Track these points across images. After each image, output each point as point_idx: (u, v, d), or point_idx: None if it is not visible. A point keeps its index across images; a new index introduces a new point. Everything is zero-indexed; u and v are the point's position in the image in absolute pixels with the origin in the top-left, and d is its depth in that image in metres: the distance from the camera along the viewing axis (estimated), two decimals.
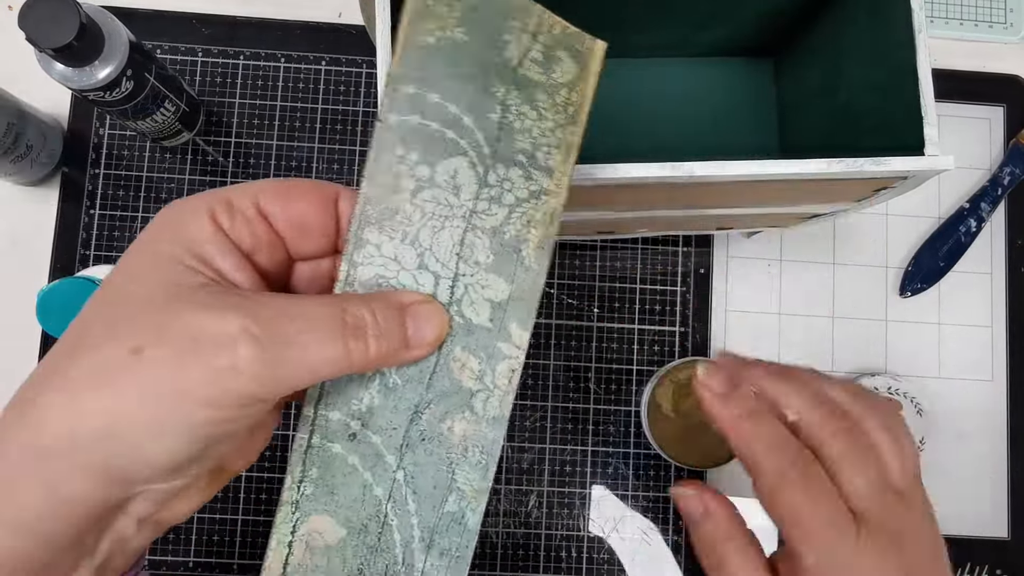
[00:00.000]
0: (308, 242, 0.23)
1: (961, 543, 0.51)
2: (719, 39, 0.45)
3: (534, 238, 0.23)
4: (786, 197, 0.36)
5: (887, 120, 0.35)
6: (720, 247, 0.53)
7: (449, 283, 0.23)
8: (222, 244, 0.21)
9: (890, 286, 0.54)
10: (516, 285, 0.23)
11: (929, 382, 0.53)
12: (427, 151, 0.23)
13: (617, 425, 0.51)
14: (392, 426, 0.23)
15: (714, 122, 0.48)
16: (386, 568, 0.23)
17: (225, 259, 0.21)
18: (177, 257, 0.20)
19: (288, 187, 0.22)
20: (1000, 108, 0.55)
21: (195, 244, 0.21)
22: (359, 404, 0.23)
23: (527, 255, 0.23)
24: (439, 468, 0.23)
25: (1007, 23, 0.56)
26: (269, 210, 0.22)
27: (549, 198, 0.23)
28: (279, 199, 0.22)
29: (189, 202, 0.21)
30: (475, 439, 0.23)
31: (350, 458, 0.23)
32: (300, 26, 0.53)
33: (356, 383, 0.23)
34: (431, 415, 0.23)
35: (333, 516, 0.23)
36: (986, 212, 0.53)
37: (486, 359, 0.23)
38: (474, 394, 0.23)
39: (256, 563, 0.49)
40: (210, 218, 0.21)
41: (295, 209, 0.22)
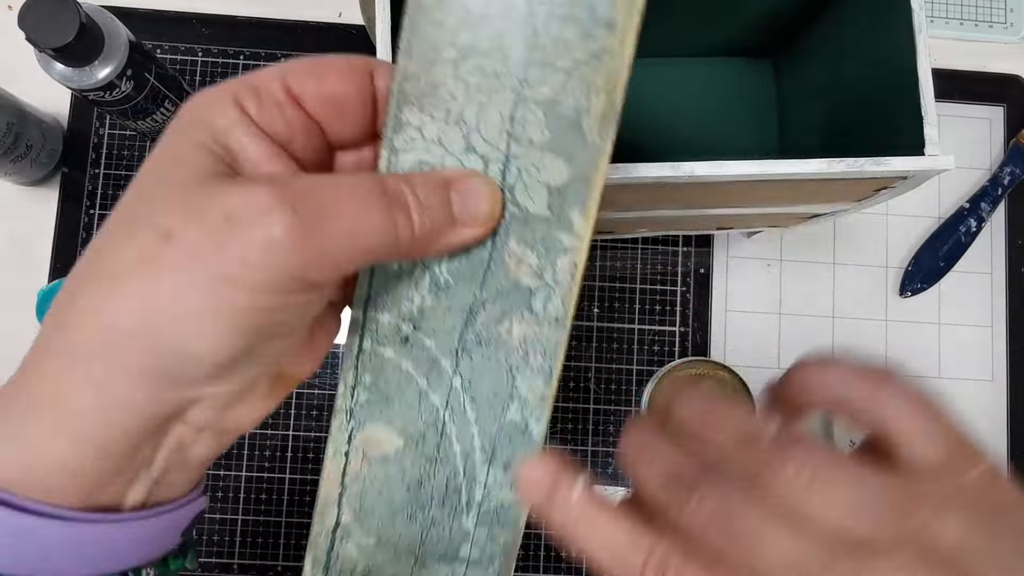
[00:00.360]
0: (346, 125, 0.21)
1: None
2: (719, 39, 0.45)
3: (596, 107, 0.20)
4: (786, 197, 0.36)
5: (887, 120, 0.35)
6: (720, 247, 0.53)
7: (500, 166, 0.20)
8: (250, 131, 0.19)
9: (890, 286, 0.54)
10: (576, 165, 0.20)
11: (929, 382, 0.53)
12: (459, 7, 0.20)
13: (617, 425, 0.51)
14: (446, 329, 0.21)
15: (714, 122, 0.48)
16: (447, 480, 0.22)
17: (256, 147, 0.19)
18: (206, 145, 0.19)
19: (318, 64, 0.20)
20: (1000, 108, 0.55)
21: (221, 133, 0.19)
22: (410, 305, 0.21)
23: (588, 128, 0.20)
24: (498, 374, 0.21)
25: (1007, 23, 0.56)
26: (299, 91, 0.20)
27: (610, 58, 0.20)
28: (310, 78, 0.20)
29: (213, 90, 0.20)
30: (536, 342, 0.21)
31: (403, 363, 0.21)
32: (300, 26, 0.53)
33: (405, 282, 0.21)
34: (487, 316, 0.21)
35: (389, 425, 0.22)
36: (986, 212, 0.53)
37: (545, 253, 0.21)
38: (534, 292, 0.21)
39: (256, 563, 0.49)
40: (235, 104, 0.19)
41: (327, 87, 0.20)
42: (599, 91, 0.20)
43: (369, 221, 0.18)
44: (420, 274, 0.21)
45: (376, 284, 0.21)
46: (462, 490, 0.22)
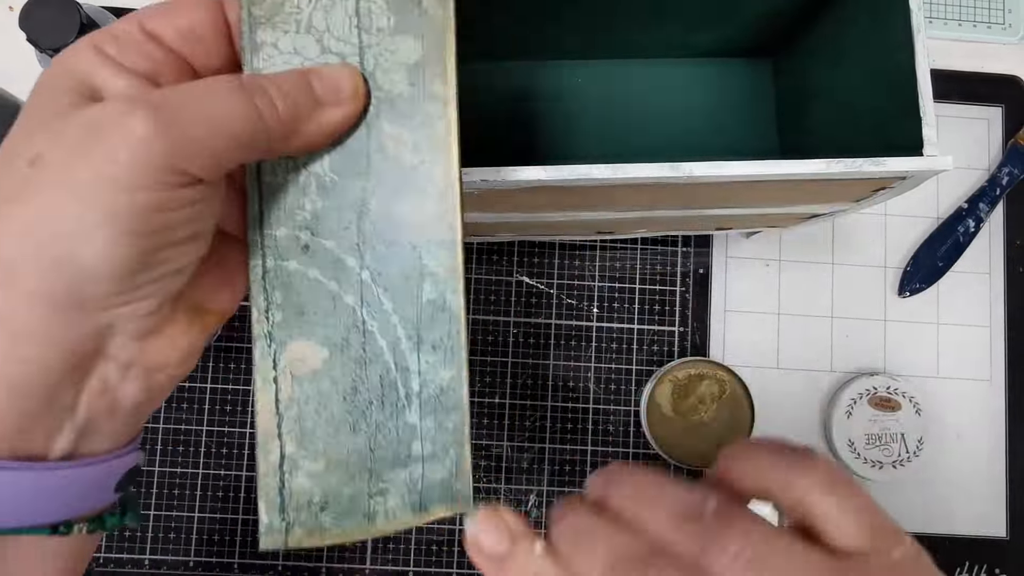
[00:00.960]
0: (209, 56, 0.21)
1: (959, 543, 0.51)
2: (718, 40, 0.45)
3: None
4: (785, 197, 0.36)
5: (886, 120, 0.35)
6: (719, 247, 0.53)
7: (357, 59, 0.21)
8: (113, 69, 0.19)
9: (889, 286, 0.54)
10: (427, 39, 0.21)
11: (928, 382, 0.53)
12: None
13: (617, 425, 0.51)
14: (343, 226, 0.21)
15: (713, 123, 0.48)
16: (380, 379, 0.22)
17: (121, 81, 0.19)
18: (71, 88, 0.19)
19: (170, 2, 0.21)
20: (999, 108, 0.55)
21: (85, 75, 0.19)
22: (302, 213, 0.21)
23: (427, 3, 0.21)
24: (404, 256, 0.21)
25: (1006, 24, 0.56)
26: (154, 29, 0.20)
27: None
28: (162, 16, 0.20)
29: (73, 44, 0.20)
30: (434, 208, 0.21)
31: (310, 272, 0.21)
32: None
33: (292, 192, 0.22)
34: (379, 203, 0.21)
35: (310, 338, 0.21)
36: (984, 212, 0.53)
37: (419, 126, 0.21)
38: (416, 168, 0.21)
39: (256, 562, 0.49)
40: (95, 50, 0.19)
41: (180, 22, 0.21)
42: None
43: (229, 107, 0.18)
44: (306, 180, 0.21)
45: (266, 201, 0.22)
46: (398, 384, 0.22)
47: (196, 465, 0.49)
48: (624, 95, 0.48)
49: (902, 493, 0.52)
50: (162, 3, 0.21)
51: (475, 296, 0.52)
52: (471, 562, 0.20)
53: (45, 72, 0.20)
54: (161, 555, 0.49)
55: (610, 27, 0.43)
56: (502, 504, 0.21)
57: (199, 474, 0.49)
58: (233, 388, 0.50)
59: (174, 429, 0.49)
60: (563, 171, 0.30)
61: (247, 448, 0.50)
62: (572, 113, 0.47)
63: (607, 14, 0.41)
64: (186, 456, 0.49)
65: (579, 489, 0.50)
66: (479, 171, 0.30)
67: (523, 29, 0.43)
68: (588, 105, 0.47)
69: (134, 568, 0.48)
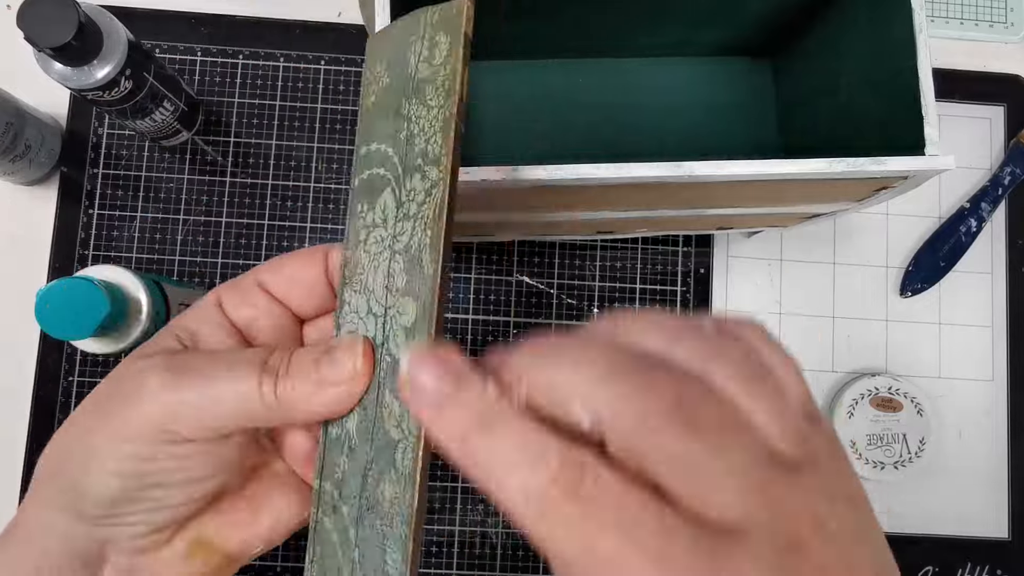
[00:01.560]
0: (306, 299, 0.25)
1: (961, 543, 0.51)
2: (719, 39, 0.45)
3: (429, 239, 0.21)
4: (786, 197, 0.36)
5: (887, 120, 0.35)
6: (720, 247, 0.53)
7: (382, 321, 0.21)
8: (217, 323, 0.24)
9: (890, 286, 0.54)
10: (420, 300, 0.20)
11: (929, 382, 0.53)
12: (370, 196, 0.23)
13: None
14: (353, 494, 0.21)
15: (714, 122, 0.48)
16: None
17: (216, 334, 0.24)
18: (177, 336, 0.23)
19: (278, 259, 0.25)
20: (1001, 108, 0.55)
21: (192, 321, 0.24)
22: (338, 471, 0.21)
23: (425, 261, 0.20)
24: (376, 546, 0.20)
25: (1007, 23, 0.56)
26: (265, 281, 0.24)
27: (437, 189, 0.21)
28: (271, 269, 0.24)
29: (211, 292, 0.25)
30: (398, 504, 0.19)
31: (334, 534, 0.21)
32: (300, 26, 0.53)
33: (336, 448, 0.22)
34: (372, 478, 0.20)
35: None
36: (986, 212, 0.53)
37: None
38: (396, 445, 0.20)
39: (256, 563, 0.49)
40: (215, 300, 0.24)
41: (285, 271, 0.24)
42: (430, 223, 0.21)
43: (239, 386, 0.21)
44: (343, 438, 0.22)
45: (326, 452, 0.22)
46: None
47: None
48: (624, 95, 0.47)
49: (904, 493, 0.52)
50: (274, 259, 0.25)
51: (475, 296, 0.52)
52: (409, 408, 0.18)
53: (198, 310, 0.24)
54: None
55: (610, 27, 0.43)
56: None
57: None
58: None
59: None
60: (563, 171, 0.30)
61: None
62: (572, 113, 0.47)
63: (608, 14, 0.41)
64: None
65: None
66: (479, 171, 0.29)
67: (523, 29, 0.43)
68: (588, 105, 0.47)
69: None
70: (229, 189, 0.51)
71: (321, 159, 0.52)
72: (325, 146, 0.52)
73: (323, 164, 0.52)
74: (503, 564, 0.49)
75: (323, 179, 0.52)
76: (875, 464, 0.50)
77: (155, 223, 0.51)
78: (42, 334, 0.50)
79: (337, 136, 0.52)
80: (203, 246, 0.51)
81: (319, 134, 0.52)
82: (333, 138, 0.52)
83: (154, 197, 0.51)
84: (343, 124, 0.52)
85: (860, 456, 0.50)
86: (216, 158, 0.52)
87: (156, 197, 0.51)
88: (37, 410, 0.49)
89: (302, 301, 0.25)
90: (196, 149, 0.52)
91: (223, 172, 0.52)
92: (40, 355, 0.49)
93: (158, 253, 0.51)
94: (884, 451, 0.50)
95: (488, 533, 0.50)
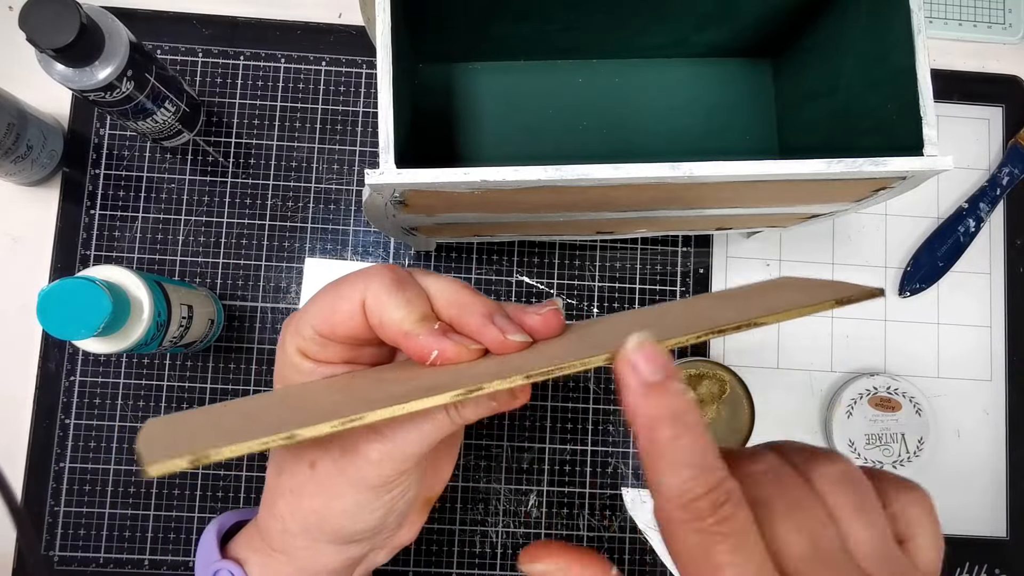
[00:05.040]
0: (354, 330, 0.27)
1: (960, 543, 0.51)
2: (718, 39, 0.45)
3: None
4: (785, 197, 0.36)
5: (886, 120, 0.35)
6: (719, 247, 0.53)
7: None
8: (313, 341, 0.27)
9: (889, 286, 0.54)
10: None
11: (928, 382, 0.53)
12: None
13: (617, 425, 0.51)
14: None
15: (713, 122, 0.48)
16: None
17: (323, 348, 0.27)
18: (298, 368, 0.27)
19: (327, 316, 0.27)
20: (999, 108, 0.55)
21: (298, 353, 0.27)
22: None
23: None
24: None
25: (1006, 23, 0.56)
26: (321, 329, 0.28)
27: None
28: (324, 324, 0.27)
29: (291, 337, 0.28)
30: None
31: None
32: (300, 26, 0.53)
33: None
34: None
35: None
36: (985, 212, 0.53)
37: None
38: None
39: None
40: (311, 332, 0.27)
41: (340, 331, 0.26)
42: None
43: (437, 431, 0.26)
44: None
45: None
46: None
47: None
48: (624, 95, 0.48)
49: None
50: (321, 315, 0.27)
51: None
52: (617, 383, 0.20)
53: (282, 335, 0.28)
54: (161, 555, 0.49)
55: (610, 27, 0.43)
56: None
57: (199, 474, 0.49)
58: (233, 388, 0.50)
59: None
60: (563, 171, 0.30)
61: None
62: (572, 113, 0.47)
63: (608, 14, 0.41)
64: None
65: (578, 489, 0.50)
66: (479, 171, 0.30)
67: (523, 29, 0.43)
68: (588, 105, 0.47)
69: (134, 568, 0.48)
70: (230, 189, 0.52)
71: (321, 160, 0.52)
72: (325, 147, 0.52)
73: (323, 165, 0.52)
74: (503, 564, 0.49)
75: (323, 179, 0.52)
76: (873, 464, 0.50)
77: (157, 223, 0.51)
78: (44, 334, 0.50)
79: (337, 137, 0.52)
80: (204, 246, 0.51)
81: (320, 135, 0.52)
82: (334, 139, 0.52)
83: (156, 197, 0.51)
84: (343, 125, 0.52)
85: (859, 456, 0.50)
86: (217, 159, 0.52)
87: (158, 197, 0.51)
88: (38, 410, 0.49)
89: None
90: (197, 150, 0.52)
91: (224, 172, 0.52)
92: (42, 355, 0.49)
93: (159, 253, 0.51)
94: (883, 451, 0.50)
95: (488, 533, 0.50)
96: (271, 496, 0.28)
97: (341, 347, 0.27)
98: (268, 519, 0.29)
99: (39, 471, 0.49)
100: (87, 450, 0.49)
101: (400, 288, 0.25)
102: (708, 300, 0.29)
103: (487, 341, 0.25)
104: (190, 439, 0.20)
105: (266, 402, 0.25)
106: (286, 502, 0.27)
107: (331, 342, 0.26)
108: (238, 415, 0.23)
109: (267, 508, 0.29)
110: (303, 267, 0.51)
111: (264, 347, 0.51)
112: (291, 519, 0.27)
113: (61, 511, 0.48)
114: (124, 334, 0.39)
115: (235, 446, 0.19)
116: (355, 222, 0.52)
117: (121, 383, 0.50)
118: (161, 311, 0.40)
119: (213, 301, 0.49)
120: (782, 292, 0.25)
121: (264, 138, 0.52)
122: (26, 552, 0.47)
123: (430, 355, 0.24)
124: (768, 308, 0.22)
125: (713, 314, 0.24)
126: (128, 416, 0.49)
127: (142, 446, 0.20)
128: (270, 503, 0.28)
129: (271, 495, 0.28)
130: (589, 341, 0.23)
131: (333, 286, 0.26)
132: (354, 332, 0.26)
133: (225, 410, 0.24)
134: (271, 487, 0.28)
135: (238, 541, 0.31)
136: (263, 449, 0.19)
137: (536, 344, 0.25)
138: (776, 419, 0.52)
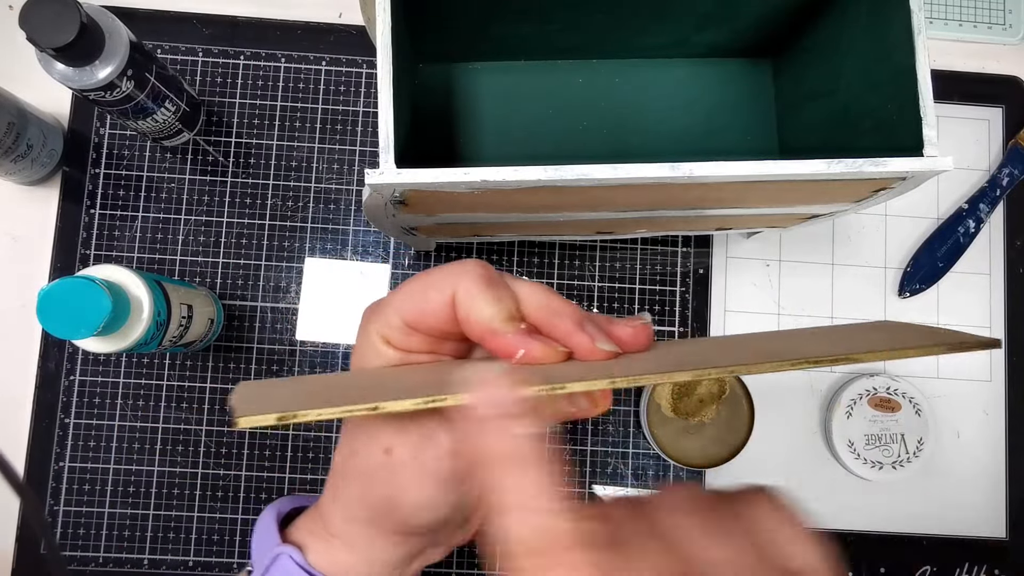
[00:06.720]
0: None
1: (959, 543, 0.51)
2: (718, 40, 0.45)
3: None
4: (785, 198, 0.36)
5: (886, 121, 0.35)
6: (719, 247, 0.53)
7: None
8: (399, 329, 0.26)
9: (889, 286, 0.54)
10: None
11: (927, 382, 0.53)
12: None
13: (617, 425, 0.51)
14: None
15: (713, 123, 0.48)
16: None
17: (406, 339, 0.26)
18: (379, 353, 0.27)
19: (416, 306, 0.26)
20: (999, 109, 0.55)
21: (381, 339, 0.27)
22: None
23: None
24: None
25: (1006, 24, 0.56)
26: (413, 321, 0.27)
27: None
28: (412, 313, 0.26)
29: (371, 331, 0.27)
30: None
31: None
32: (300, 26, 0.53)
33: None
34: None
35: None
36: (985, 213, 0.53)
37: None
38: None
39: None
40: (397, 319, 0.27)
41: (427, 322, 0.26)
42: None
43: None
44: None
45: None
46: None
47: (196, 465, 0.49)
48: (624, 95, 0.48)
49: (902, 494, 0.52)
50: (412, 306, 0.26)
51: None
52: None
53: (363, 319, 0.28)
54: (161, 555, 0.49)
55: (610, 27, 0.43)
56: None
57: (199, 474, 0.49)
58: (233, 388, 0.50)
59: (174, 429, 0.49)
60: (563, 171, 0.30)
61: (247, 448, 0.50)
62: (572, 113, 0.47)
63: (608, 14, 0.41)
64: (186, 456, 0.49)
65: (579, 489, 0.50)
66: (479, 171, 0.30)
67: (523, 29, 0.43)
68: (588, 105, 0.47)
69: (134, 568, 0.48)
70: (230, 189, 0.52)
71: (321, 159, 0.52)
72: (325, 147, 0.52)
73: (323, 164, 0.52)
74: (503, 564, 0.49)
75: (323, 179, 0.52)
76: (873, 464, 0.50)
77: (156, 223, 0.51)
78: (44, 333, 0.50)
79: (337, 136, 0.52)
80: (204, 246, 0.51)
81: (320, 134, 0.52)
82: (334, 138, 0.52)
83: (156, 197, 0.51)
84: (343, 124, 0.52)
85: (858, 456, 0.50)
86: (217, 158, 0.52)
87: (158, 197, 0.51)
88: (38, 409, 0.49)
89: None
90: (198, 149, 0.52)
91: (224, 172, 0.52)
92: (41, 354, 0.49)
93: (159, 253, 0.51)
94: (882, 451, 0.50)
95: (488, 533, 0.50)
96: (338, 480, 0.28)
97: (424, 338, 0.26)
98: (331, 504, 0.28)
99: (39, 470, 0.49)
100: (87, 449, 0.49)
101: (491, 286, 0.25)
102: (800, 333, 0.29)
103: (575, 345, 0.24)
104: (279, 400, 0.22)
105: (350, 378, 0.25)
106: (355, 486, 0.27)
107: (416, 332, 0.26)
108: (322, 386, 0.24)
109: (331, 492, 0.28)
110: (303, 267, 0.51)
111: (264, 347, 0.51)
112: (358, 505, 0.27)
113: (61, 510, 0.48)
114: (124, 333, 0.39)
115: (321, 410, 0.20)
116: (355, 222, 0.52)
117: (121, 382, 0.50)
118: (161, 311, 0.40)
119: (213, 301, 0.49)
120: (881, 333, 0.25)
121: (264, 138, 0.52)
122: (47, 553, 0.47)
123: (516, 353, 0.24)
124: (871, 345, 0.22)
125: (804, 345, 0.23)
126: (128, 416, 0.49)
127: (235, 401, 0.21)
128: (335, 487, 0.28)
129: (337, 479, 0.28)
130: (671, 359, 0.23)
131: (424, 276, 0.26)
132: (440, 324, 0.26)
133: (311, 380, 0.25)
134: (339, 470, 0.28)
135: (297, 526, 0.31)
136: (346, 415, 0.20)
137: (619, 356, 0.25)
138: (776, 419, 0.52)
